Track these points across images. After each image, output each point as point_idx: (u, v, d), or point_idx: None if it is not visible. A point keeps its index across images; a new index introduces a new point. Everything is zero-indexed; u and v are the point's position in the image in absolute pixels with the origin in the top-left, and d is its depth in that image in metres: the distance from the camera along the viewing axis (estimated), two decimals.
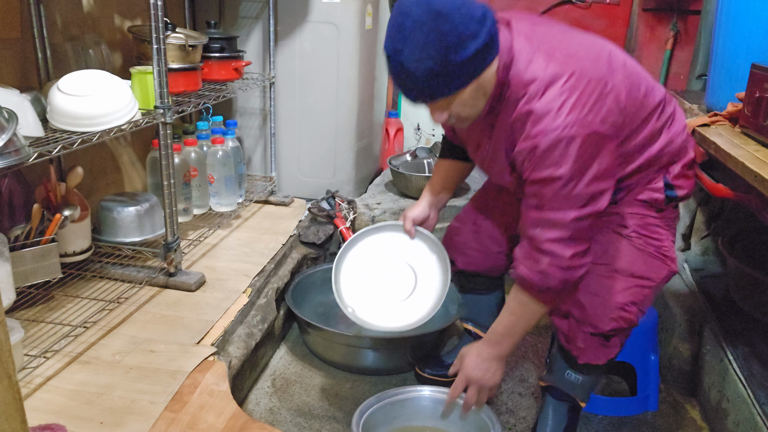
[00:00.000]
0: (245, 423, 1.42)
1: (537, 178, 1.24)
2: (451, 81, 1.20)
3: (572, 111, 1.20)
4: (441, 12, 1.14)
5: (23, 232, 1.60)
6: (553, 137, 1.20)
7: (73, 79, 1.59)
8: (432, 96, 1.24)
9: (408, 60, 1.17)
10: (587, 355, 1.46)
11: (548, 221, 1.27)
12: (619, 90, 1.26)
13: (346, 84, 2.58)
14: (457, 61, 1.17)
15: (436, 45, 1.15)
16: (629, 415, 1.85)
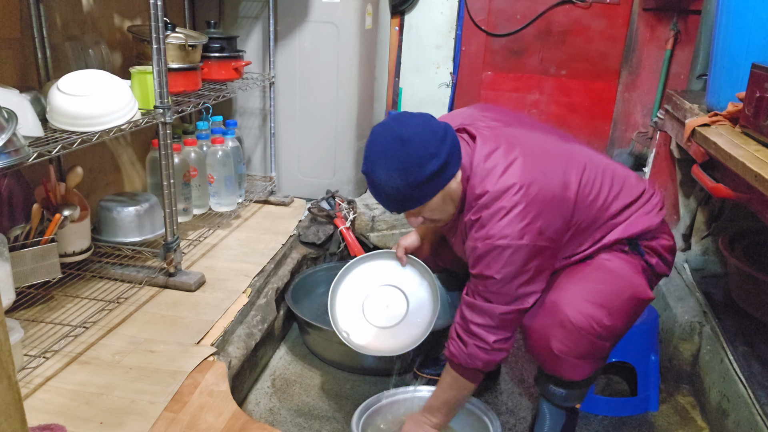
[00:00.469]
0: (245, 423, 1.42)
1: (474, 273, 1.41)
2: (418, 195, 1.38)
3: (510, 224, 1.34)
4: (403, 138, 1.33)
5: (23, 232, 1.60)
6: (488, 244, 1.36)
7: (73, 79, 1.59)
8: (404, 208, 1.42)
9: (378, 180, 1.36)
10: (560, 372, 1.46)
11: (479, 308, 1.42)
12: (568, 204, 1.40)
13: (346, 84, 2.58)
14: (420, 179, 1.34)
15: (400, 168, 1.33)
16: (629, 415, 1.85)
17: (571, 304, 1.40)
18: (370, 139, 1.40)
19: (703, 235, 2.27)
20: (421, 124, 1.36)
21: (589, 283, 1.44)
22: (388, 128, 1.37)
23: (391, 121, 1.39)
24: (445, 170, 1.37)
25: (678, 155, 2.22)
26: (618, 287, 1.44)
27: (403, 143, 1.33)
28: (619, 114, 3.28)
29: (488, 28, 3.26)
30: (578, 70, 3.25)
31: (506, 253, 1.35)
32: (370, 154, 1.38)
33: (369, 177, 1.39)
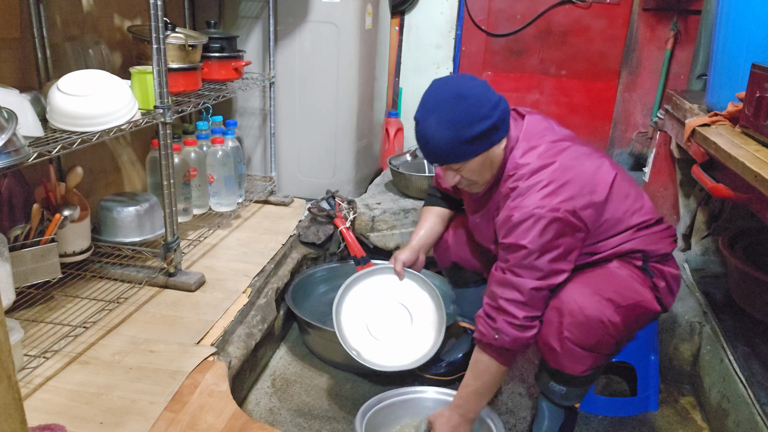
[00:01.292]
0: (245, 423, 1.42)
1: (506, 243, 1.43)
2: (462, 152, 1.44)
3: (548, 196, 1.40)
4: (461, 95, 1.41)
5: (23, 232, 1.60)
6: (525, 212, 1.40)
7: (73, 79, 1.58)
8: (445, 161, 1.47)
9: (428, 130, 1.43)
10: (563, 364, 1.48)
11: (509, 283, 1.43)
12: (601, 197, 1.46)
13: (346, 84, 2.58)
14: (468, 137, 1.41)
15: (451, 121, 1.40)
16: (629, 415, 1.85)
17: (582, 296, 1.44)
18: (429, 89, 1.48)
19: (703, 235, 2.27)
20: (480, 86, 1.44)
21: (600, 282, 1.49)
22: (448, 83, 1.45)
23: (452, 77, 1.48)
24: (492, 134, 1.44)
25: (678, 155, 2.22)
26: (627, 291, 1.49)
27: (459, 99, 1.40)
28: (619, 114, 3.28)
29: (488, 28, 3.26)
30: (578, 70, 3.25)
31: (540, 223, 1.38)
32: (426, 103, 1.46)
33: (420, 125, 1.46)
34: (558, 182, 1.41)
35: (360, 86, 2.62)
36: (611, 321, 1.44)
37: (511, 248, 1.42)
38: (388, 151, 3.24)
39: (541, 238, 1.39)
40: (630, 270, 1.54)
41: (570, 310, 1.43)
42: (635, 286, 1.51)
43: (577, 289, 1.46)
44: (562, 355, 1.46)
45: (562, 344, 1.45)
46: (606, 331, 1.45)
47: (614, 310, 1.45)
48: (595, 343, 1.45)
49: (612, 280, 1.50)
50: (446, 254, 1.91)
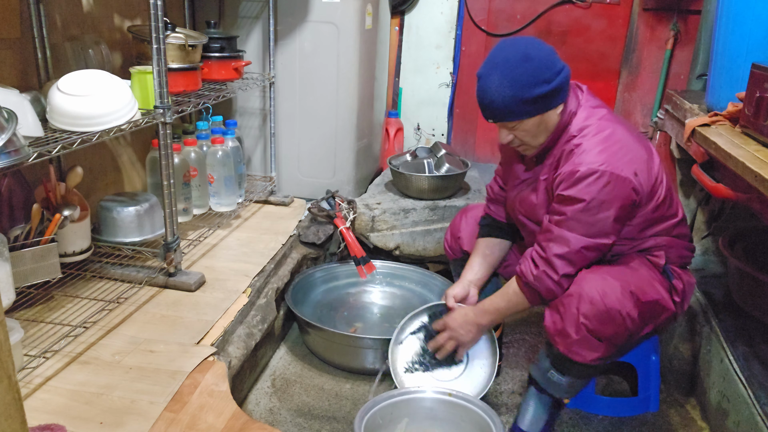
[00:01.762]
0: (245, 423, 1.42)
1: (566, 195, 1.48)
2: (521, 110, 1.49)
3: (612, 156, 1.45)
4: (527, 55, 1.46)
5: (23, 232, 1.60)
6: (590, 168, 1.45)
7: (73, 79, 1.58)
8: (503, 118, 1.52)
9: (490, 85, 1.48)
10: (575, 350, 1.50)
11: (560, 237, 1.49)
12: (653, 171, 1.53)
13: (346, 84, 2.58)
14: (527, 97, 1.46)
15: (514, 79, 1.45)
16: (630, 415, 1.85)
17: (604, 286, 1.47)
18: (497, 46, 1.52)
19: (703, 235, 2.27)
20: (547, 51, 1.49)
21: (622, 275, 1.52)
22: (516, 43, 1.50)
23: (522, 39, 1.53)
24: (551, 98, 1.49)
25: (678, 155, 2.22)
26: (648, 288, 1.53)
27: (526, 59, 1.45)
28: (619, 114, 3.28)
29: (488, 28, 3.26)
30: (578, 70, 3.23)
31: (603, 179, 1.44)
32: (491, 59, 1.50)
33: (482, 80, 1.50)
34: (621, 145, 1.47)
35: (360, 86, 2.62)
36: (629, 314, 1.48)
37: (570, 200, 1.47)
38: (388, 151, 3.24)
39: (601, 193, 1.44)
40: (650, 269, 1.58)
41: (591, 298, 1.46)
42: (655, 285, 1.56)
43: (599, 279, 1.49)
44: (575, 342, 1.49)
45: (578, 330, 1.47)
46: (624, 323, 1.48)
47: (634, 304, 1.49)
48: (611, 334, 1.48)
49: (634, 275, 1.54)
50: (458, 244, 1.98)
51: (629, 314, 1.48)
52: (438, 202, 2.60)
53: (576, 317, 1.47)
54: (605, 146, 1.47)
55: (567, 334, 1.49)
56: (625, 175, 1.44)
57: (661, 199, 1.56)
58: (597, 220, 1.46)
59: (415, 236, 2.57)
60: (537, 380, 1.64)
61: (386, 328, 2.23)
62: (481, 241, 1.90)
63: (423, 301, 2.37)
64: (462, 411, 1.64)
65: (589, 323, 1.46)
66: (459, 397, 1.66)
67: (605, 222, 1.47)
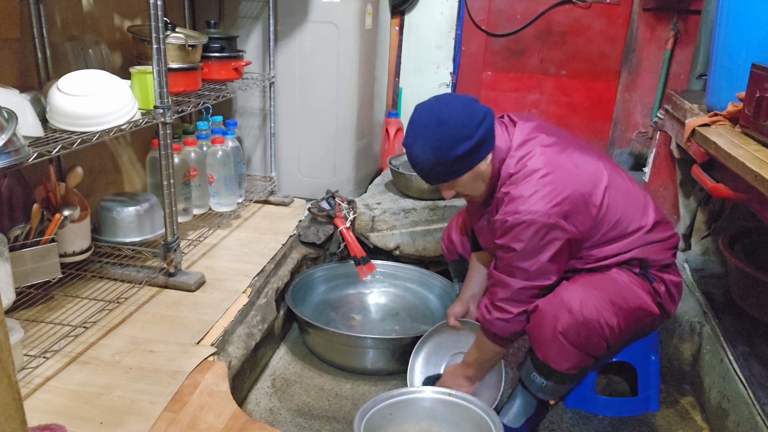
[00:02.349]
0: (245, 423, 1.42)
1: (500, 244, 1.52)
2: (449, 171, 1.53)
3: (539, 202, 1.46)
4: (441, 119, 1.47)
5: (23, 232, 1.60)
6: (517, 218, 1.47)
7: (73, 79, 1.58)
8: (437, 181, 1.58)
9: (415, 154, 1.53)
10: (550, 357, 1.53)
11: (501, 282, 1.55)
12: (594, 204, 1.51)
13: (346, 84, 2.58)
14: (451, 158, 1.49)
15: (434, 145, 1.48)
16: (630, 415, 1.85)
17: (584, 296, 1.49)
18: (413, 115, 1.55)
19: (703, 235, 2.27)
20: (462, 106, 1.50)
21: (600, 285, 1.54)
22: (429, 108, 1.52)
23: (434, 100, 1.54)
24: (475, 153, 1.51)
25: (678, 155, 2.22)
26: (629, 295, 1.55)
27: (439, 124, 1.47)
28: (619, 114, 3.28)
29: (488, 28, 3.26)
30: (578, 70, 3.25)
31: (531, 228, 1.46)
32: (410, 129, 1.54)
33: (408, 150, 1.55)
34: (550, 186, 1.47)
35: (360, 86, 2.62)
36: (608, 324, 1.50)
37: (504, 249, 1.52)
38: (388, 151, 3.24)
39: (531, 241, 1.47)
40: (629, 276, 1.59)
41: (570, 308, 1.48)
42: (636, 290, 1.56)
43: (579, 290, 1.51)
44: (551, 349, 1.52)
45: (555, 338, 1.50)
46: (601, 333, 1.49)
47: (614, 312, 1.50)
48: (586, 343, 1.50)
49: (613, 284, 1.55)
50: (453, 247, 2.02)
51: (608, 323, 1.49)
52: (438, 202, 2.60)
53: (553, 326, 1.49)
54: (534, 192, 1.46)
55: (544, 341, 1.52)
56: (553, 220, 1.45)
57: (613, 222, 1.55)
58: (532, 265, 1.49)
59: (415, 236, 2.57)
60: (523, 380, 1.67)
61: (386, 328, 2.23)
62: (475, 255, 1.94)
63: (423, 301, 2.37)
64: (462, 411, 1.64)
65: (565, 332, 1.49)
66: (459, 397, 1.65)
67: (540, 266, 1.49)
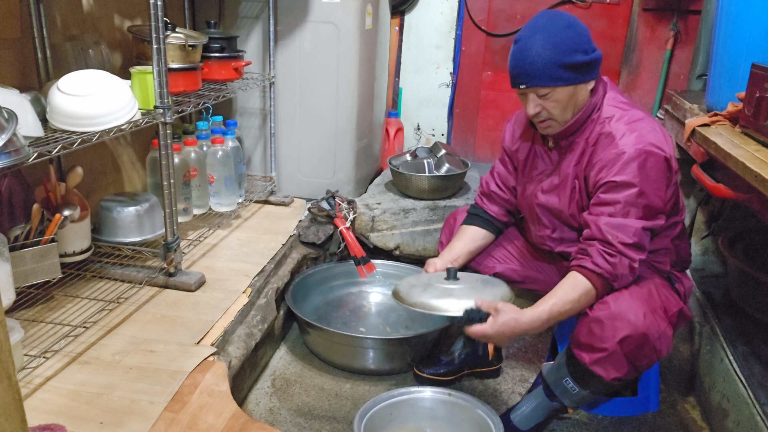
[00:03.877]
0: (245, 423, 1.42)
1: (617, 181, 1.44)
2: (558, 75, 1.48)
3: (654, 137, 1.45)
4: (571, 23, 1.49)
5: (23, 232, 1.60)
6: (638, 149, 1.43)
7: (73, 79, 1.58)
8: (538, 82, 1.49)
9: (531, 48, 1.48)
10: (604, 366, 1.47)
11: (622, 226, 1.44)
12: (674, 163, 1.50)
13: (346, 84, 2.58)
14: (568, 62, 1.46)
15: (557, 42, 1.46)
16: (630, 415, 1.85)
17: (638, 306, 1.45)
18: (539, 14, 1.55)
19: (703, 235, 2.27)
20: (585, 27, 1.53)
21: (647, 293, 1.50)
22: (558, 13, 1.54)
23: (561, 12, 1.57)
24: (587, 70, 1.50)
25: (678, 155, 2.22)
26: (670, 300, 1.55)
27: (569, 26, 1.49)
28: None
29: (488, 28, 3.26)
30: None
31: (651, 160, 1.43)
32: (533, 24, 1.52)
33: (522, 42, 1.50)
34: (656, 130, 1.47)
35: (360, 86, 2.62)
36: (666, 333, 1.47)
37: (620, 187, 1.44)
38: (388, 151, 3.24)
39: (651, 175, 1.43)
40: (661, 279, 1.59)
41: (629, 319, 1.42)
42: (672, 294, 1.57)
43: (633, 300, 1.46)
44: (604, 358, 1.45)
45: (612, 347, 1.44)
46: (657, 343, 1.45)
47: (667, 321, 1.49)
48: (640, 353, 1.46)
49: (654, 290, 1.53)
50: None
51: (665, 332, 1.47)
52: (438, 202, 2.60)
53: (613, 335, 1.43)
54: (642, 129, 1.46)
55: (598, 349, 1.45)
56: (669, 153, 1.46)
57: (675, 192, 1.58)
58: (649, 203, 1.44)
59: (415, 236, 2.57)
60: (549, 384, 1.62)
61: (386, 328, 2.23)
62: (466, 228, 1.83)
63: None
64: (462, 411, 1.64)
65: (624, 343, 1.43)
66: (459, 397, 1.66)
67: (658, 201, 1.45)
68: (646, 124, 1.48)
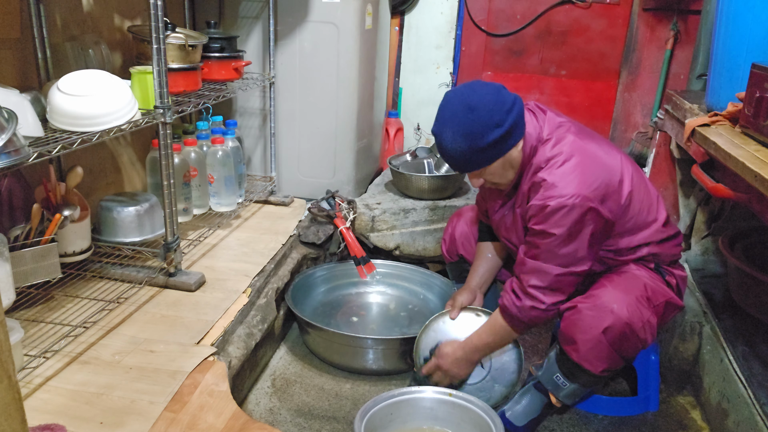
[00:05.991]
0: (245, 423, 1.42)
1: (538, 230, 1.50)
2: (479, 159, 1.51)
3: (579, 186, 1.45)
4: (471, 106, 1.46)
5: (23, 232, 1.60)
6: (560, 202, 1.45)
7: (73, 79, 1.58)
8: (466, 169, 1.56)
9: (445, 142, 1.51)
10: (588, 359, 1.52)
11: (536, 269, 1.53)
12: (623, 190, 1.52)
13: (346, 84, 2.58)
14: (482, 145, 1.48)
15: (465, 133, 1.47)
16: (630, 415, 1.85)
17: (620, 296, 1.50)
18: (442, 102, 1.53)
19: (703, 235, 2.26)
20: (491, 93, 1.48)
21: (630, 284, 1.55)
22: (459, 95, 1.50)
23: (464, 87, 1.52)
24: (506, 139, 1.49)
25: (678, 155, 2.22)
26: (656, 290, 1.57)
27: (470, 110, 1.46)
28: (619, 114, 3.28)
29: (488, 28, 3.26)
30: (578, 70, 3.25)
31: (573, 212, 1.45)
32: (440, 117, 1.52)
33: (437, 138, 1.53)
34: (588, 173, 1.47)
35: (360, 86, 2.62)
36: (649, 321, 1.51)
37: (541, 234, 1.49)
38: (388, 151, 3.24)
39: (573, 226, 1.46)
40: (648, 272, 1.61)
41: (611, 309, 1.48)
42: (660, 285, 1.59)
43: (615, 291, 1.51)
44: (589, 350, 1.50)
45: (596, 339, 1.49)
46: (642, 332, 1.50)
47: (651, 310, 1.52)
48: (625, 344, 1.50)
49: (639, 281, 1.56)
50: (454, 249, 2.01)
51: (649, 321, 1.50)
52: (438, 202, 2.60)
53: (596, 326, 1.48)
54: (573, 176, 1.47)
55: (583, 341, 1.51)
56: (594, 204, 1.46)
57: (635, 211, 1.57)
58: (570, 251, 1.49)
59: (415, 236, 2.57)
60: (541, 380, 1.66)
61: (386, 328, 2.23)
62: (482, 245, 1.92)
63: (423, 301, 2.37)
64: (462, 411, 1.64)
65: (608, 333, 1.48)
66: (459, 397, 1.66)
67: (578, 251, 1.49)
68: (580, 171, 1.47)
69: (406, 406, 1.66)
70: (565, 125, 1.57)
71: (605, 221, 1.50)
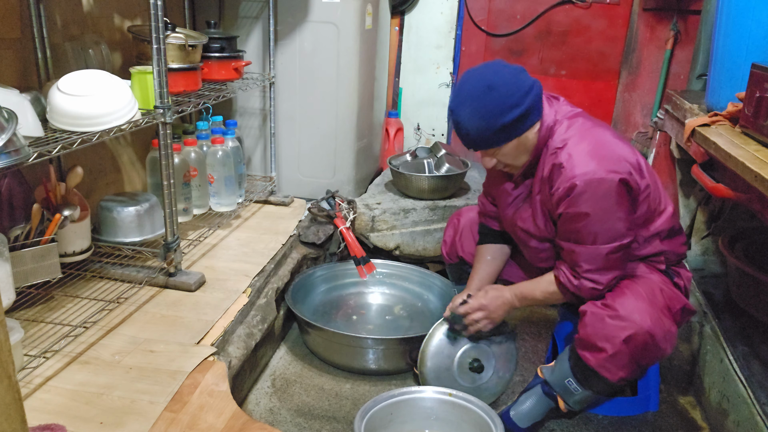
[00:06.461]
0: (245, 423, 1.42)
1: (572, 213, 1.48)
2: (495, 138, 1.51)
3: (603, 161, 1.45)
4: (490, 85, 1.46)
5: (23, 232, 1.60)
6: (586, 179, 1.44)
7: (73, 79, 1.58)
8: (480, 147, 1.55)
9: (461, 119, 1.50)
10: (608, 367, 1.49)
11: (585, 254, 1.51)
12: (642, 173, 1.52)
13: (346, 84, 2.58)
14: (498, 125, 1.47)
15: (482, 111, 1.46)
16: (630, 415, 1.85)
17: (642, 305, 1.48)
18: (461, 80, 1.52)
19: (703, 235, 2.27)
20: (511, 74, 1.48)
21: (649, 292, 1.53)
22: (479, 73, 1.50)
23: (484, 67, 1.52)
24: (524, 120, 1.49)
25: (678, 155, 2.22)
26: (673, 297, 1.57)
27: (489, 89, 1.45)
28: (619, 114, 3.28)
29: (488, 28, 3.26)
30: (578, 70, 3.25)
31: (602, 187, 1.44)
32: (458, 94, 1.51)
33: (453, 115, 1.53)
34: (608, 149, 1.47)
35: (360, 86, 2.62)
36: (670, 330, 1.50)
37: (577, 217, 1.48)
38: (388, 151, 3.24)
39: (604, 201, 1.45)
40: (660, 276, 1.60)
41: (633, 319, 1.46)
42: (674, 291, 1.59)
43: (636, 300, 1.49)
44: (609, 358, 1.47)
45: (618, 347, 1.46)
46: (662, 341, 1.48)
47: (671, 319, 1.52)
48: (645, 353, 1.48)
49: (656, 288, 1.55)
50: (454, 250, 2.00)
51: (670, 331, 1.49)
52: (438, 202, 2.60)
53: (618, 335, 1.45)
54: (594, 153, 1.47)
55: (603, 349, 1.47)
56: (621, 176, 1.45)
57: (652, 196, 1.58)
58: (610, 225, 1.47)
59: (415, 236, 2.57)
60: (551, 384, 1.63)
61: (386, 328, 2.23)
62: (482, 248, 1.90)
63: (423, 301, 2.37)
64: (462, 411, 1.64)
65: (630, 342, 1.45)
66: (459, 397, 1.66)
67: (618, 223, 1.47)
68: (599, 148, 1.47)
69: (406, 406, 1.66)
70: (578, 114, 1.58)
71: (633, 192, 1.49)
